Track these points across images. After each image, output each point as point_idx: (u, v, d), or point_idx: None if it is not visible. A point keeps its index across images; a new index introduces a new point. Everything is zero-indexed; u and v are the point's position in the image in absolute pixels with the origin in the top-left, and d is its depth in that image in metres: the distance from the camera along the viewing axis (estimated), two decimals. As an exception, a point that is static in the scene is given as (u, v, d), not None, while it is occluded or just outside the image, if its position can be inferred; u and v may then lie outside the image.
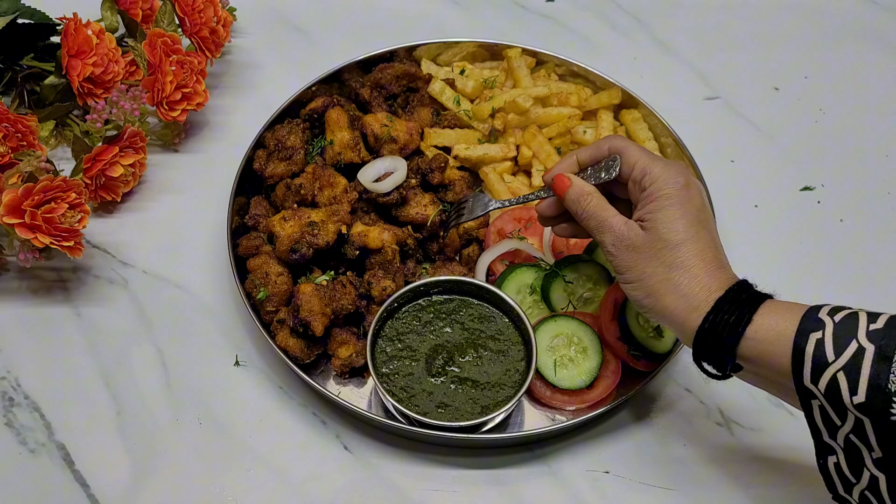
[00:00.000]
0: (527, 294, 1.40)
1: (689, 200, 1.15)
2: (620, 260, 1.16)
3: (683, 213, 1.14)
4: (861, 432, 0.98)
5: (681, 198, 1.15)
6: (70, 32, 1.52)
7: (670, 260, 1.12)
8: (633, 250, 1.15)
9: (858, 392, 0.96)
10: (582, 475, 1.31)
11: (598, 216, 1.20)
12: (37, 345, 1.41)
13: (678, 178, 1.16)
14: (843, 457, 1.02)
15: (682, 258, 1.12)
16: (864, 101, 1.76)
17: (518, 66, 1.61)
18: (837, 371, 0.98)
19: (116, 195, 1.52)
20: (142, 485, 1.28)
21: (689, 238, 1.13)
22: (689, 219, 1.14)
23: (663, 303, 1.12)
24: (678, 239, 1.13)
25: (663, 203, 1.14)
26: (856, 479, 1.01)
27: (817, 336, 1.00)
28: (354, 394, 1.36)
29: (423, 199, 1.46)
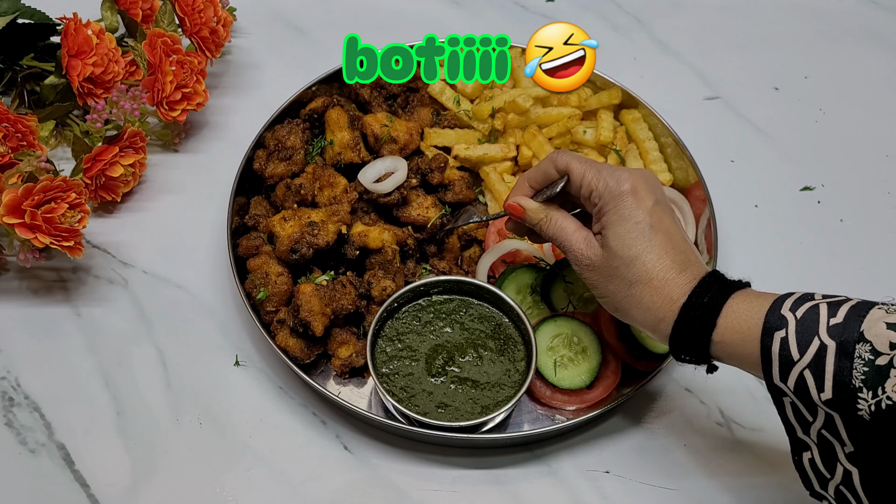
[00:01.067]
0: (527, 294, 1.40)
1: (638, 207, 1.14)
2: (586, 279, 1.19)
3: (633, 224, 1.14)
4: (832, 427, 0.98)
5: (629, 208, 1.14)
6: (70, 32, 1.52)
7: (629, 276, 1.13)
8: (594, 270, 1.17)
9: (825, 389, 0.96)
10: (582, 475, 1.31)
11: (558, 238, 1.21)
12: (37, 345, 1.41)
13: (622, 185, 1.15)
14: (816, 452, 1.02)
15: (638, 273, 1.12)
16: (864, 101, 1.76)
17: (518, 65, 1.61)
18: (803, 369, 0.98)
19: (116, 195, 1.52)
20: (142, 485, 1.28)
21: (643, 250, 1.12)
22: (639, 229, 1.13)
23: (631, 316, 1.15)
24: (632, 254, 1.13)
25: (612, 218, 1.15)
26: (830, 474, 1.02)
27: (781, 335, 1.00)
28: (354, 394, 1.36)
29: (426, 202, 1.46)
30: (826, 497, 1.04)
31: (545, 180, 1.24)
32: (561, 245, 1.21)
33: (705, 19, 1.89)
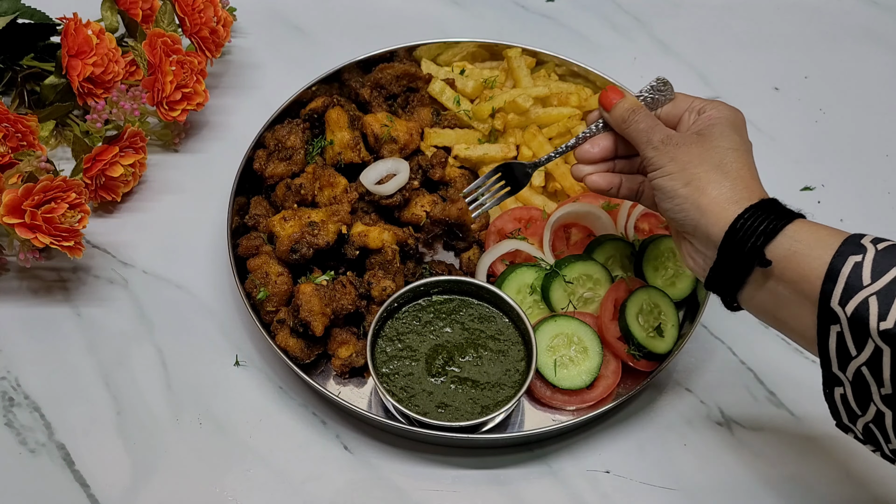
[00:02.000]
0: (527, 294, 1.40)
1: (743, 130, 1.16)
2: (664, 153, 1.14)
3: (739, 135, 1.15)
4: (875, 365, 0.96)
5: (738, 126, 1.16)
6: (70, 32, 1.52)
7: (719, 159, 1.11)
8: (680, 146, 1.14)
9: (888, 318, 0.94)
10: (582, 475, 1.31)
11: (647, 121, 1.18)
12: (37, 345, 1.41)
13: (738, 115, 1.18)
14: (850, 390, 1.00)
15: (730, 161, 1.11)
16: (864, 101, 1.76)
17: (518, 66, 1.61)
18: (870, 295, 0.95)
19: (116, 195, 1.52)
20: (142, 485, 1.28)
21: (740, 150, 1.13)
22: (742, 138, 1.15)
23: (704, 191, 1.10)
24: (730, 146, 1.12)
25: (721, 120, 1.15)
26: (861, 411, 1.00)
27: (856, 259, 0.98)
28: (354, 394, 1.36)
29: (423, 200, 1.46)
30: (853, 430, 1.03)
31: None
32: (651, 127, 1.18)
33: (705, 19, 1.89)
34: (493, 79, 1.62)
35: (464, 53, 1.67)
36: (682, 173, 1.12)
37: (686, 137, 1.15)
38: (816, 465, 1.32)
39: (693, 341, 1.41)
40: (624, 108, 1.21)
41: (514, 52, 1.63)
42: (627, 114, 1.20)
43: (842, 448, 1.33)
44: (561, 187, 1.52)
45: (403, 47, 1.65)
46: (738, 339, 1.44)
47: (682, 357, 1.41)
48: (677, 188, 1.12)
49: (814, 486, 1.30)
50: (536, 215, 1.48)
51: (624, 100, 1.21)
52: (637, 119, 1.19)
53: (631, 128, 1.19)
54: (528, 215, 1.48)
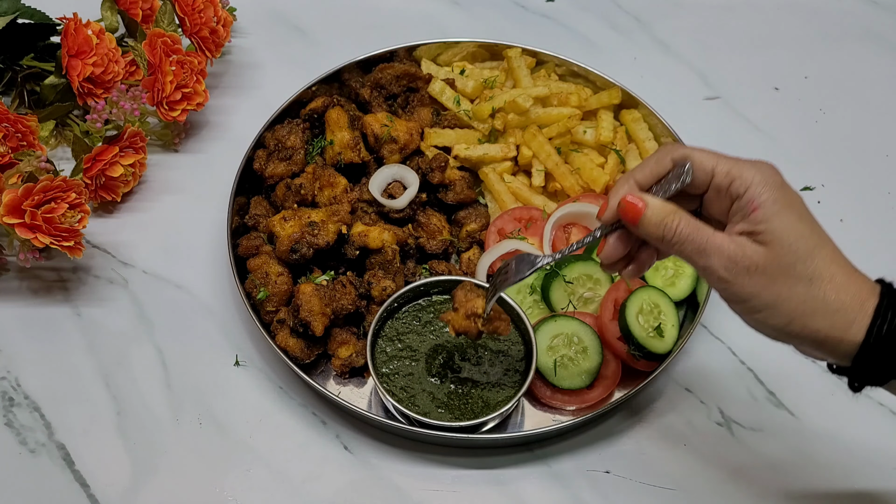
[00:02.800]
0: (527, 294, 1.40)
1: (796, 199, 0.98)
2: (740, 286, 0.96)
3: (800, 215, 0.97)
4: None
5: (788, 198, 0.97)
6: (70, 32, 1.52)
7: (808, 273, 0.95)
8: (755, 272, 0.95)
9: None
10: (582, 475, 1.31)
11: (695, 238, 0.98)
12: (37, 345, 1.41)
13: (774, 176, 0.98)
14: None
15: (820, 268, 0.95)
16: (864, 101, 1.76)
17: (518, 66, 1.61)
18: None
19: (116, 195, 1.52)
20: (142, 485, 1.28)
21: (820, 242, 0.97)
22: (808, 220, 0.98)
23: (813, 325, 0.95)
24: (809, 246, 0.96)
25: (774, 208, 0.96)
26: None
27: None
28: (354, 394, 1.36)
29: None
30: None
31: (657, 175, 1.03)
32: (701, 248, 0.97)
33: (705, 19, 1.89)
34: (493, 79, 1.62)
35: (464, 53, 1.67)
36: (777, 310, 0.96)
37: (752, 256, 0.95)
38: (816, 465, 1.32)
39: (693, 341, 1.41)
40: (654, 222, 1.00)
41: (514, 52, 1.63)
42: (661, 230, 0.99)
43: (842, 448, 1.33)
44: (561, 187, 1.52)
45: (403, 47, 1.65)
46: (738, 339, 1.44)
47: (682, 357, 1.41)
48: (780, 326, 0.97)
49: (814, 487, 1.30)
50: (536, 215, 1.48)
51: (650, 209, 1.00)
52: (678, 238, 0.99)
53: (674, 249, 1.00)
54: (528, 215, 1.48)
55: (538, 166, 1.53)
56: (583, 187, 1.52)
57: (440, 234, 1.46)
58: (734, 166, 0.99)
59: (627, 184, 1.04)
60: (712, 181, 1.00)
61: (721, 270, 0.97)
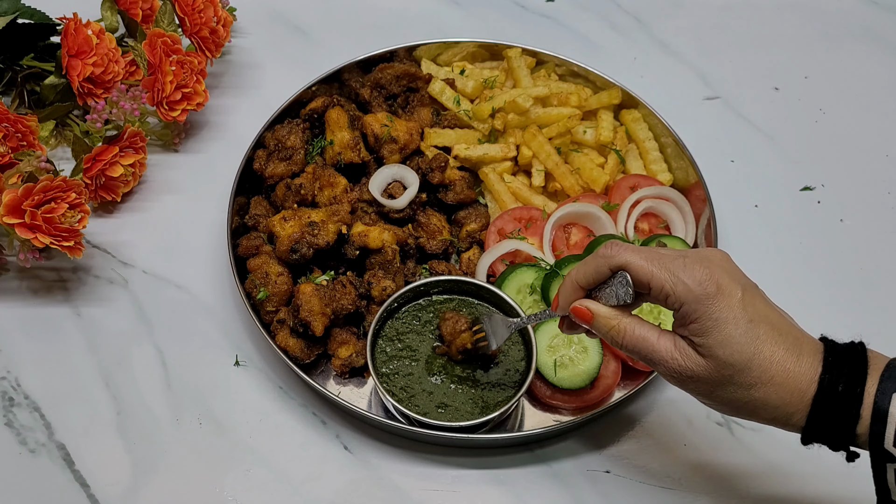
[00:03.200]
0: (527, 294, 1.40)
1: (731, 305, 1.00)
2: (689, 390, 1.05)
3: (733, 327, 1.00)
4: None
5: (722, 310, 1.00)
6: (70, 32, 1.52)
7: (747, 381, 1.00)
8: (699, 381, 1.02)
9: None
10: (582, 475, 1.31)
11: (641, 350, 1.05)
12: (37, 345, 1.41)
13: (706, 288, 1.00)
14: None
15: (757, 375, 1.00)
16: (864, 101, 1.76)
17: (518, 66, 1.61)
18: None
19: (116, 195, 1.52)
20: (142, 485, 1.28)
21: (755, 351, 0.99)
22: (742, 329, 1.00)
23: (758, 416, 1.03)
24: (744, 359, 1.00)
25: (706, 325, 1.00)
26: None
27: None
28: (354, 394, 1.36)
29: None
30: None
31: (596, 280, 1.07)
32: (646, 358, 1.05)
33: (705, 19, 1.89)
34: (493, 79, 1.62)
35: (464, 53, 1.67)
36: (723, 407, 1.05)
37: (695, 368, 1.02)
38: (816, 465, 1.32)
39: (693, 341, 1.41)
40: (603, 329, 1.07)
41: (514, 52, 1.63)
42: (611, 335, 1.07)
43: (842, 448, 1.33)
44: (561, 187, 1.52)
45: (403, 47, 1.65)
46: (738, 339, 1.44)
47: (682, 357, 1.41)
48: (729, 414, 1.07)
49: (814, 486, 1.30)
50: (536, 215, 1.48)
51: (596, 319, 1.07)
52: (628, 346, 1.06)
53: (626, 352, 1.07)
54: (528, 215, 1.48)
55: (538, 166, 1.53)
56: (583, 187, 1.52)
57: (440, 234, 1.46)
58: (668, 279, 1.01)
59: (571, 286, 1.09)
60: (650, 292, 1.04)
61: (667, 376, 1.05)
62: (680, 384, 1.05)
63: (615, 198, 1.49)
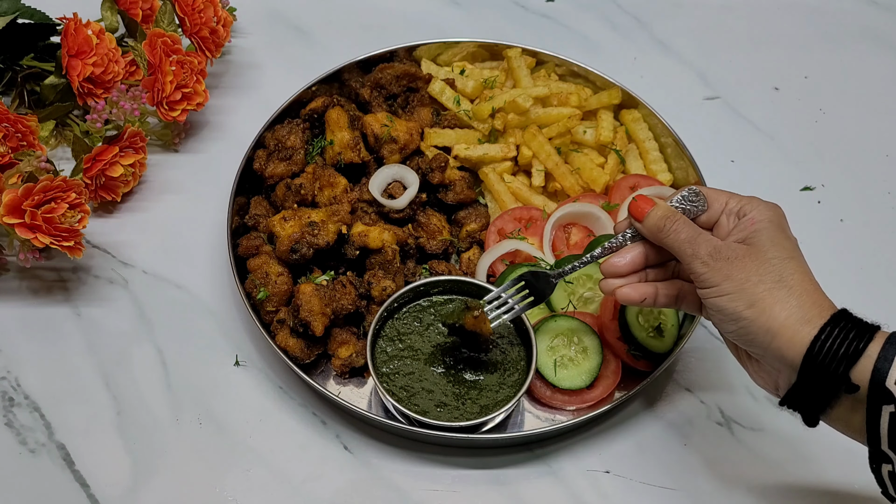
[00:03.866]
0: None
1: (787, 229, 1.11)
2: (716, 271, 1.07)
3: (787, 237, 1.10)
4: None
5: (783, 227, 1.11)
6: (70, 32, 1.52)
7: (778, 272, 1.05)
8: (733, 261, 1.07)
9: None
10: (582, 475, 1.31)
11: (689, 230, 1.11)
12: (37, 345, 1.41)
13: (778, 211, 1.12)
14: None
15: (790, 273, 1.05)
16: (864, 101, 1.77)
17: (518, 66, 1.61)
18: None
19: (116, 195, 1.52)
20: (142, 485, 1.28)
21: (795, 257, 1.07)
22: (792, 244, 1.10)
23: (771, 313, 1.03)
24: (786, 255, 1.07)
25: (766, 225, 1.09)
26: None
27: None
28: (354, 394, 1.36)
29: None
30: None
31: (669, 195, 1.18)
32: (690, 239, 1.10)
33: (705, 19, 1.90)
34: (493, 79, 1.62)
35: (464, 53, 1.67)
36: (742, 293, 1.05)
37: (736, 249, 1.08)
38: (816, 465, 1.32)
39: (693, 341, 1.41)
40: (658, 216, 1.13)
41: (514, 52, 1.63)
42: (663, 222, 1.13)
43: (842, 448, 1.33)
44: (561, 187, 1.52)
45: (403, 47, 1.65)
46: (738, 339, 1.44)
47: (682, 357, 1.41)
48: (740, 310, 1.05)
49: (814, 486, 1.30)
50: (536, 215, 1.48)
51: (657, 207, 1.14)
52: (676, 228, 1.11)
53: (670, 237, 1.12)
54: (528, 215, 1.48)
55: (538, 166, 1.53)
56: (583, 187, 1.52)
57: (440, 234, 1.46)
58: (745, 199, 1.14)
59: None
60: (724, 208, 1.14)
61: (705, 255, 1.08)
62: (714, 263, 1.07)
63: (615, 198, 1.49)
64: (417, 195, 1.46)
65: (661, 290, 1.17)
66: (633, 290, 1.17)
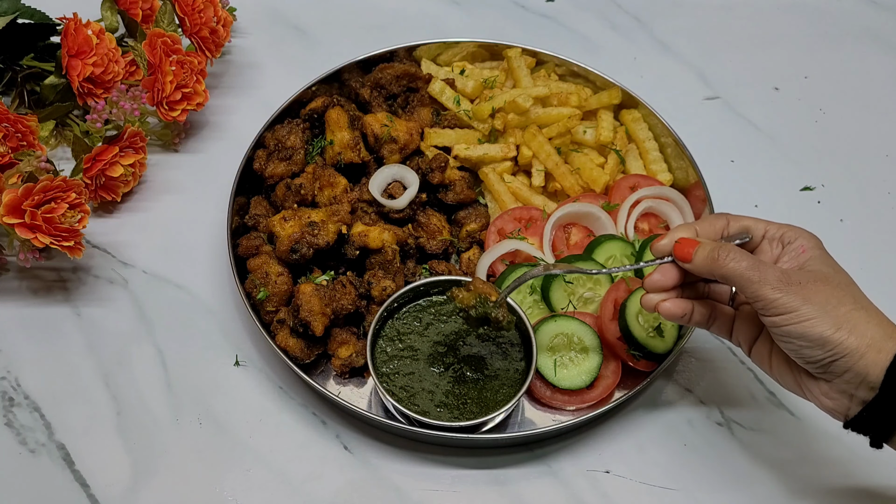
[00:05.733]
0: (527, 294, 1.40)
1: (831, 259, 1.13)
2: (793, 294, 1.06)
3: (837, 264, 1.12)
4: None
5: (826, 254, 1.13)
6: (70, 32, 1.52)
7: (852, 295, 1.07)
8: (805, 285, 1.07)
9: None
10: (582, 475, 1.31)
11: (748, 258, 1.09)
12: (37, 345, 1.41)
13: (819, 239, 1.14)
14: None
15: (860, 296, 1.08)
16: (864, 101, 1.77)
17: (518, 66, 1.61)
18: None
19: (116, 195, 1.52)
20: (142, 485, 1.28)
21: (855, 283, 1.10)
22: (844, 270, 1.12)
23: (859, 333, 1.04)
24: (849, 280, 1.10)
25: (818, 252, 1.11)
26: None
27: None
28: (354, 394, 1.36)
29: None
30: None
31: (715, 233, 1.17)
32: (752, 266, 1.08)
33: (705, 19, 1.90)
34: (493, 79, 1.62)
35: (464, 53, 1.67)
36: (826, 316, 1.05)
37: (804, 275, 1.08)
38: (816, 464, 1.32)
39: (693, 341, 1.41)
40: (706, 252, 1.12)
41: (514, 52, 1.63)
42: (716, 253, 1.11)
43: (842, 448, 1.33)
44: (561, 187, 1.52)
45: (403, 47, 1.65)
46: (738, 339, 1.44)
47: (682, 357, 1.41)
48: (828, 334, 1.04)
49: (814, 486, 1.30)
50: (536, 215, 1.48)
51: (702, 245, 1.13)
52: (734, 257, 1.10)
53: (729, 267, 1.09)
54: (528, 215, 1.48)
55: (538, 166, 1.53)
56: (583, 187, 1.52)
57: (440, 234, 1.46)
58: (785, 227, 1.15)
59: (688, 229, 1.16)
60: (765, 234, 1.15)
61: (775, 282, 1.06)
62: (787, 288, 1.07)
63: (615, 198, 1.49)
64: (417, 195, 1.46)
65: (697, 307, 1.18)
66: (674, 305, 1.17)
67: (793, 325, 1.06)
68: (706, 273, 1.13)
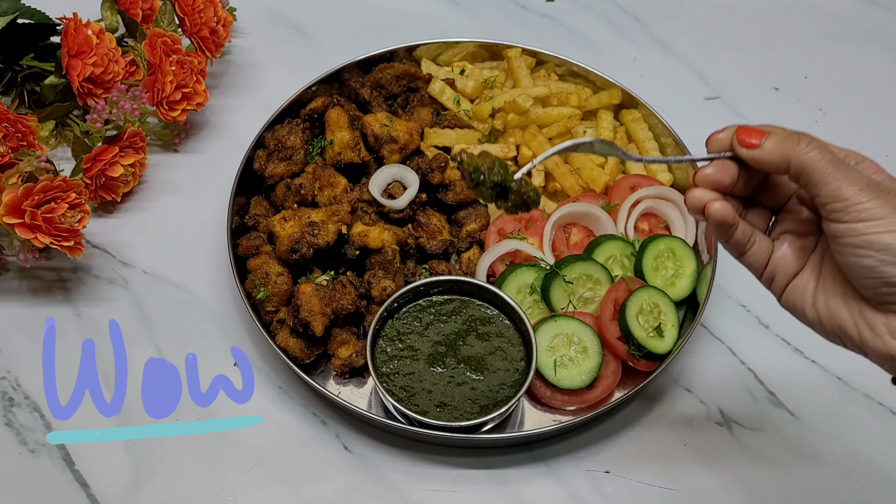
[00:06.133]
0: (527, 294, 1.40)
1: None
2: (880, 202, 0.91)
3: None
4: None
5: None
6: (70, 32, 1.52)
7: None
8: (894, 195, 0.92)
9: None
10: (582, 475, 1.31)
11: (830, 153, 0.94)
12: (37, 345, 1.41)
13: None
14: None
15: None
16: (864, 101, 1.77)
17: (518, 66, 1.61)
18: None
19: (116, 195, 1.52)
20: (142, 485, 1.28)
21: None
22: None
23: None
24: None
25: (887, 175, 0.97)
26: None
27: None
28: (354, 394, 1.36)
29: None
30: None
31: None
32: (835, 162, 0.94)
33: (705, 19, 1.90)
34: (493, 79, 1.62)
35: (464, 53, 1.67)
36: None
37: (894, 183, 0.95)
38: (816, 464, 1.32)
39: (693, 341, 1.41)
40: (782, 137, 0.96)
41: (514, 52, 1.63)
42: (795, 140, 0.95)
43: (842, 448, 1.33)
44: (561, 187, 1.52)
45: (403, 47, 1.65)
46: (738, 339, 1.44)
47: (682, 357, 1.41)
48: None
49: (813, 486, 1.30)
50: (536, 215, 1.48)
51: (775, 132, 0.97)
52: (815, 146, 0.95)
53: (809, 156, 0.94)
54: (528, 215, 1.48)
55: (538, 166, 1.53)
56: (583, 187, 1.52)
57: (440, 234, 1.46)
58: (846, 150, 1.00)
59: None
60: None
61: (862, 184, 0.92)
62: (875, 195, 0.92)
63: (615, 198, 1.49)
64: (417, 195, 1.46)
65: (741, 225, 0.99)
66: (725, 207, 0.97)
67: (877, 233, 0.91)
68: (776, 164, 0.95)
